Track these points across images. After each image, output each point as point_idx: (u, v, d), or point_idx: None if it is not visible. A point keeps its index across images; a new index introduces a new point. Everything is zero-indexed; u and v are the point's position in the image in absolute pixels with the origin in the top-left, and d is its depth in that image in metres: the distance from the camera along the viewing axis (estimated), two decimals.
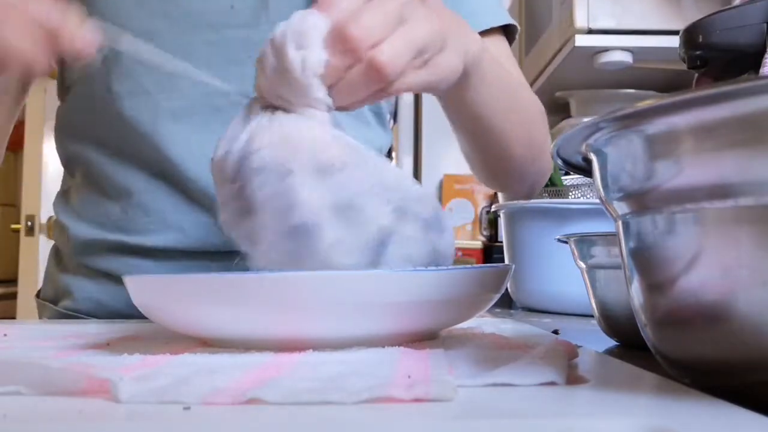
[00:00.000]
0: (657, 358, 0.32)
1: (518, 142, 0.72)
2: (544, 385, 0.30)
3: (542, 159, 0.77)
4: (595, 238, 0.52)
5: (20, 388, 0.29)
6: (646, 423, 0.23)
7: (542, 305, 0.87)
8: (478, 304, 0.44)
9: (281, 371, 0.33)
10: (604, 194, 0.33)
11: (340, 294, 0.38)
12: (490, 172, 0.80)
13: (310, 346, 0.39)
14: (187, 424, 0.25)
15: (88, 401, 0.28)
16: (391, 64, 0.46)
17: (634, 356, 0.41)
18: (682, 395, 0.28)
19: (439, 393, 0.27)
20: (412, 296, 0.39)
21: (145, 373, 0.32)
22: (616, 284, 0.50)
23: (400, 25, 0.47)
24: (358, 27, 0.45)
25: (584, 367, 0.35)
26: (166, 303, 0.41)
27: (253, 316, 0.39)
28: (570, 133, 0.32)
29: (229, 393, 0.27)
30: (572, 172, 0.40)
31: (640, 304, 0.31)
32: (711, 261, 0.26)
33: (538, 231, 0.86)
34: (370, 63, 0.45)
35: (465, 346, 0.41)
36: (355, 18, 0.46)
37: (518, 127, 0.71)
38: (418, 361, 0.35)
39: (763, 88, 0.23)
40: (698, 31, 0.59)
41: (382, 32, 0.46)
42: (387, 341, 0.40)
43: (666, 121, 0.27)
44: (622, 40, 1.36)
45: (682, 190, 0.27)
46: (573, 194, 0.89)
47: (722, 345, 0.27)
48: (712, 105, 0.25)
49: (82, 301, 0.77)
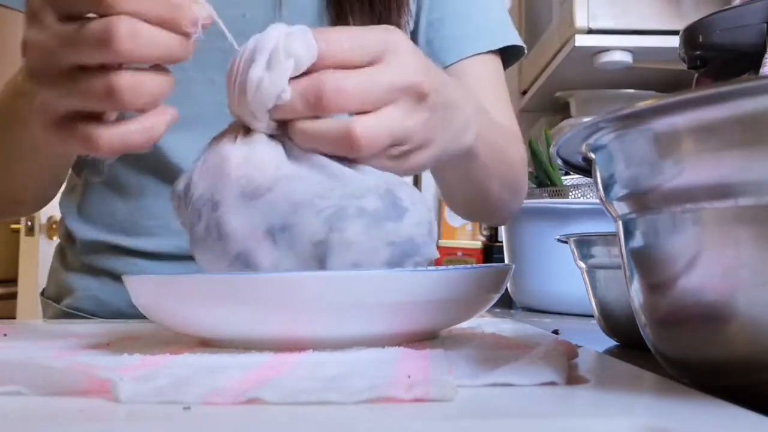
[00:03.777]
0: (657, 358, 0.32)
1: (501, 191, 0.73)
2: (544, 385, 0.30)
3: (520, 197, 0.79)
4: (595, 238, 0.52)
5: (20, 388, 0.29)
6: (646, 423, 0.23)
7: (542, 305, 0.87)
8: (478, 304, 0.44)
9: (281, 371, 0.33)
10: (604, 194, 0.33)
11: (340, 294, 0.38)
12: (468, 211, 0.82)
13: (310, 346, 0.39)
14: (187, 424, 0.25)
15: (88, 401, 0.28)
16: (368, 144, 0.42)
17: (634, 356, 0.41)
18: (682, 395, 0.28)
19: (439, 393, 0.27)
20: (412, 296, 0.39)
21: (145, 373, 0.32)
22: (616, 284, 0.50)
23: (391, 105, 0.43)
24: (338, 91, 0.41)
25: (584, 367, 0.35)
26: (166, 303, 0.41)
27: (253, 316, 0.39)
28: (570, 133, 0.32)
29: (229, 393, 0.27)
30: (572, 172, 0.40)
31: (640, 304, 0.31)
32: (711, 261, 0.26)
33: (538, 231, 0.86)
34: (347, 129, 0.41)
35: (465, 346, 0.41)
36: (341, 78, 0.41)
37: (503, 181, 0.72)
38: (418, 361, 0.35)
39: (763, 88, 0.23)
40: (698, 31, 0.59)
41: (363, 104, 0.42)
42: (387, 341, 0.40)
43: (666, 121, 0.27)
44: (622, 40, 1.36)
45: (682, 190, 0.27)
46: (573, 194, 0.89)
47: (722, 345, 0.27)
48: (712, 105, 0.25)
49: (85, 299, 0.78)
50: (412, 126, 0.45)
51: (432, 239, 0.44)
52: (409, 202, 0.42)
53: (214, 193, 0.41)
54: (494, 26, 0.80)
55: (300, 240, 0.40)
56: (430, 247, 0.43)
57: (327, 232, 0.40)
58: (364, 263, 0.41)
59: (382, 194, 0.42)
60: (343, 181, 0.42)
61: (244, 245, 0.41)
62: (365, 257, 0.41)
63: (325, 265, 0.40)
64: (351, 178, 0.42)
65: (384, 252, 0.41)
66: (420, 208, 0.43)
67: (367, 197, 0.41)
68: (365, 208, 0.41)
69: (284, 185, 0.41)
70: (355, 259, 0.40)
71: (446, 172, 0.66)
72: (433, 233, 0.44)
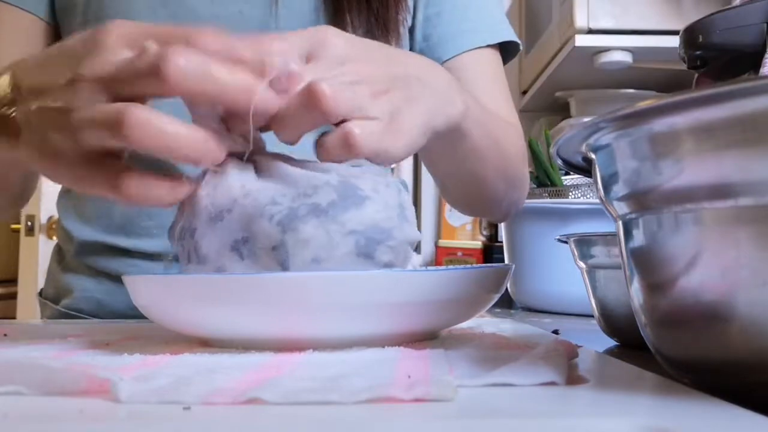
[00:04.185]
0: (657, 358, 0.32)
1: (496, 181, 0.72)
2: (544, 385, 0.30)
3: (518, 190, 0.78)
4: (595, 238, 0.52)
5: (20, 388, 0.29)
6: (646, 423, 0.23)
7: (542, 305, 0.87)
8: (478, 304, 0.44)
9: (281, 371, 0.33)
10: (604, 194, 0.33)
11: (340, 294, 0.38)
12: (465, 202, 0.81)
13: (310, 346, 0.39)
14: (187, 424, 0.25)
15: (88, 401, 0.28)
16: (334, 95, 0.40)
17: (634, 356, 0.41)
18: (682, 395, 0.28)
19: (439, 393, 0.27)
20: (412, 296, 0.39)
21: (145, 373, 0.32)
22: (616, 284, 0.50)
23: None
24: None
25: (584, 367, 0.35)
26: (166, 303, 0.41)
27: (253, 316, 0.39)
28: (570, 133, 0.32)
29: (229, 393, 0.27)
30: (572, 172, 0.40)
31: (640, 304, 0.31)
32: (711, 261, 0.26)
33: (538, 231, 0.86)
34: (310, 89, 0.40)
35: (465, 346, 0.41)
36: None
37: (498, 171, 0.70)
38: (418, 361, 0.35)
39: (763, 88, 0.23)
40: (698, 31, 0.59)
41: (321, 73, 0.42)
42: (387, 341, 0.40)
43: (666, 121, 0.27)
44: (622, 40, 1.36)
45: (683, 190, 0.27)
46: (573, 194, 0.89)
47: (722, 345, 0.27)
48: (712, 105, 0.25)
49: (83, 300, 0.77)
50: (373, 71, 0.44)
51: (406, 220, 0.44)
52: (370, 190, 0.43)
53: (191, 223, 0.44)
54: (492, 22, 0.80)
55: (260, 248, 0.42)
56: (405, 228, 0.43)
57: (281, 234, 0.41)
58: (324, 258, 0.41)
59: (336, 186, 0.42)
60: (296, 183, 0.42)
61: (218, 263, 0.43)
62: (324, 252, 0.41)
63: (287, 266, 0.41)
64: (303, 177, 0.43)
65: (345, 243, 0.41)
66: (385, 193, 0.43)
67: (319, 193, 0.42)
68: (318, 204, 0.41)
69: (244, 201, 0.42)
70: (315, 255, 0.41)
71: (438, 154, 0.64)
72: (407, 215, 0.44)
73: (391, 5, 0.73)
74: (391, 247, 0.42)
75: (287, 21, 0.72)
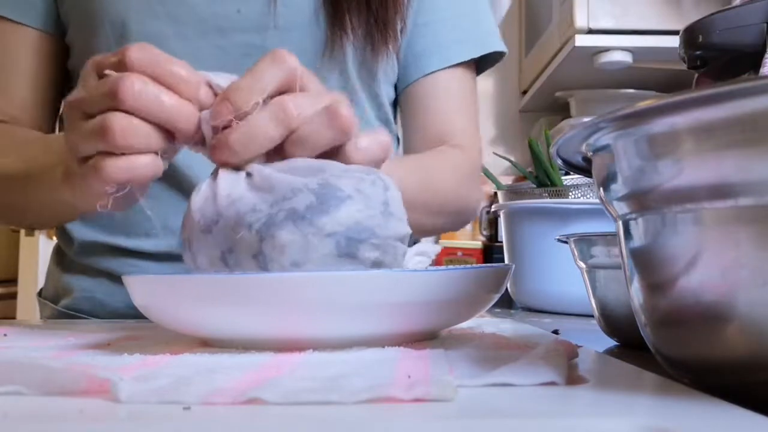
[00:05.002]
0: (657, 358, 0.32)
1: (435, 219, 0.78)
2: (544, 385, 0.30)
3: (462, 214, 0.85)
4: (595, 238, 0.52)
5: (20, 388, 0.29)
6: (646, 423, 0.23)
7: (542, 305, 0.87)
8: (478, 304, 0.44)
9: (281, 371, 0.33)
10: (604, 194, 0.33)
11: (340, 294, 0.38)
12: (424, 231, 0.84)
13: (310, 346, 0.39)
14: (187, 424, 0.25)
15: (88, 401, 0.28)
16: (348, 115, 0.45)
17: (634, 356, 0.41)
18: (682, 395, 0.28)
19: (439, 393, 0.27)
20: (412, 296, 0.39)
21: (145, 373, 0.32)
22: (616, 284, 0.50)
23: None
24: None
25: (584, 367, 0.35)
26: (166, 303, 0.41)
27: (253, 316, 0.39)
28: (570, 133, 0.32)
29: (229, 393, 0.27)
30: (572, 172, 0.40)
31: (640, 304, 0.31)
32: (711, 261, 0.26)
33: (538, 231, 0.86)
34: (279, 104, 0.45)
35: (465, 346, 0.41)
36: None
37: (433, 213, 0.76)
38: (418, 361, 0.35)
39: (763, 88, 0.23)
40: (698, 31, 0.59)
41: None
42: (387, 341, 0.40)
43: (666, 121, 0.27)
44: (622, 40, 1.36)
45: (683, 190, 0.27)
46: (573, 194, 0.89)
47: (722, 345, 0.27)
48: (712, 105, 0.25)
49: (82, 300, 0.77)
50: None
51: (393, 216, 0.44)
52: (351, 189, 0.43)
53: (189, 236, 0.45)
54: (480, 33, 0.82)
55: (243, 257, 0.43)
56: (390, 225, 0.44)
57: (259, 243, 0.42)
58: (303, 261, 0.42)
59: (314, 189, 0.42)
60: (276, 189, 0.43)
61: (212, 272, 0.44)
62: (303, 255, 0.41)
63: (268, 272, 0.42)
64: (284, 182, 0.43)
65: (324, 245, 0.42)
66: (369, 191, 0.44)
67: (297, 197, 0.42)
68: (295, 209, 0.42)
69: (228, 213, 0.43)
70: (293, 259, 0.41)
71: None
72: (393, 210, 0.44)
73: (390, 6, 0.73)
74: (376, 245, 0.43)
75: (285, 19, 0.72)
